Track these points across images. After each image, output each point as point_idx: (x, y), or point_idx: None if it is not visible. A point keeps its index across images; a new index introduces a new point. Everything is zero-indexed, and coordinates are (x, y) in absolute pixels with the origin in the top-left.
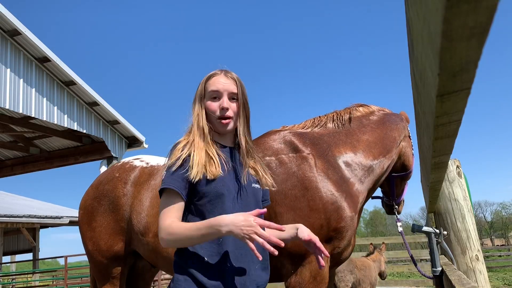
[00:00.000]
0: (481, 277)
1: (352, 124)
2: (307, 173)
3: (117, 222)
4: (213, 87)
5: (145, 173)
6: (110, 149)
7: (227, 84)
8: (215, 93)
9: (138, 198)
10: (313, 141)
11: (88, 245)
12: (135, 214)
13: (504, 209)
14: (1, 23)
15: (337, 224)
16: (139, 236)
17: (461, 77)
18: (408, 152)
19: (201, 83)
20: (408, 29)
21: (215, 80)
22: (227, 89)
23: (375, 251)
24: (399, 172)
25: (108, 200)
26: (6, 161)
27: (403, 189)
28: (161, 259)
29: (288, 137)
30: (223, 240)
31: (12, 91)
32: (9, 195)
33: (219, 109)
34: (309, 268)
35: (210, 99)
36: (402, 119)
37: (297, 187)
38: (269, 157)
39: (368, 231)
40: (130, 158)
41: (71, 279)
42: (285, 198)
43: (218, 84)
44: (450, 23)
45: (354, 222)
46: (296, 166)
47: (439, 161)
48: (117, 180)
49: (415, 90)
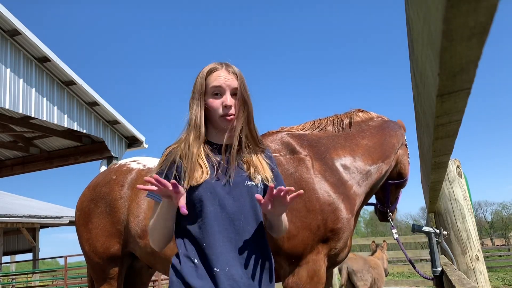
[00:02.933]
0: (481, 277)
1: (352, 129)
2: (304, 175)
3: (114, 224)
4: (215, 82)
5: (142, 176)
6: (110, 149)
7: (230, 79)
8: (217, 89)
9: (136, 201)
10: (311, 143)
11: (85, 246)
12: (133, 216)
13: (504, 209)
14: (1, 23)
15: (334, 225)
16: (136, 239)
17: (461, 77)
18: (405, 160)
19: (199, 77)
20: (408, 29)
21: (217, 75)
22: (230, 84)
23: (377, 249)
24: (395, 180)
25: (105, 202)
26: (6, 161)
27: (397, 197)
28: (158, 261)
29: (285, 139)
30: (206, 243)
31: (12, 91)
32: (9, 195)
33: (221, 106)
34: (306, 268)
35: (212, 96)
36: (400, 127)
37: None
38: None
39: (368, 231)
40: (127, 160)
41: (71, 279)
42: None
43: (220, 80)
44: (450, 23)
45: (351, 223)
46: (293, 168)
47: (439, 161)
48: (114, 182)
49: (415, 90)
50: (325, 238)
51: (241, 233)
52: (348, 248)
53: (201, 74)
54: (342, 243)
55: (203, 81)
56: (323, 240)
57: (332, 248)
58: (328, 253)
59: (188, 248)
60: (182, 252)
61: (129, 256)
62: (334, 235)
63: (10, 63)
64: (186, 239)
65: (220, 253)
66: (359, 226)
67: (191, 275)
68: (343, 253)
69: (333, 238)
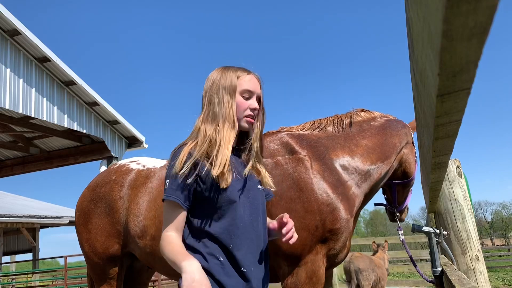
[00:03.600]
0: (481, 277)
1: (352, 129)
2: (303, 175)
3: (113, 225)
4: (247, 86)
5: (141, 176)
6: (110, 149)
7: (258, 86)
8: (248, 93)
9: (135, 201)
10: (311, 144)
11: (85, 246)
12: (132, 217)
13: (504, 209)
14: (1, 23)
15: (333, 225)
16: (135, 239)
17: (461, 77)
18: (410, 159)
19: (228, 75)
20: (408, 29)
21: (250, 79)
22: (257, 91)
23: (379, 249)
24: (400, 179)
25: (105, 202)
26: (6, 161)
27: (406, 197)
28: (158, 262)
29: (285, 139)
30: (233, 245)
31: (12, 91)
32: (9, 195)
33: (248, 109)
34: (305, 269)
35: (241, 97)
36: (405, 126)
37: (292, 188)
38: (265, 159)
39: (369, 231)
40: (126, 160)
41: (71, 279)
42: (281, 199)
43: (252, 84)
44: (450, 23)
45: (350, 224)
46: (291, 168)
47: (439, 161)
48: (114, 183)
49: (415, 90)
50: (323, 239)
51: (258, 234)
52: (347, 249)
53: (230, 72)
54: (341, 243)
55: (235, 80)
56: (321, 240)
57: (331, 249)
58: (327, 254)
59: (210, 247)
60: (205, 250)
61: (128, 256)
62: (332, 235)
63: (10, 63)
64: (205, 239)
65: (245, 254)
66: (359, 226)
67: (219, 272)
68: (342, 254)
69: (332, 239)
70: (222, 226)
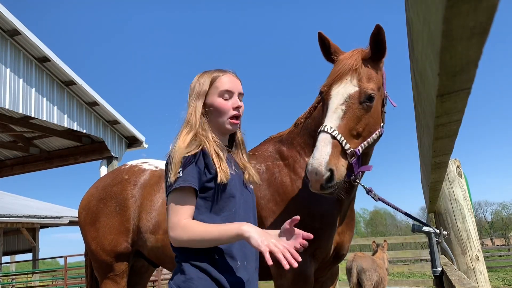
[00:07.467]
0: (481, 277)
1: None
2: (284, 178)
3: (123, 222)
4: (226, 86)
5: (155, 176)
6: (110, 149)
7: (238, 84)
8: (228, 93)
9: (149, 199)
10: (302, 146)
11: (92, 244)
12: (145, 213)
13: (504, 209)
14: (1, 23)
15: (312, 224)
16: (147, 235)
17: (461, 77)
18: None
19: (203, 81)
20: (408, 29)
21: (229, 79)
22: (237, 88)
23: (378, 249)
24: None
25: (116, 201)
26: (6, 161)
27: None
28: (168, 257)
29: (277, 145)
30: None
31: (12, 91)
32: (9, 195)
33: (232, 108)
34: (291, 270)
35: (221, 99)
36: None
37: (277, 192)
38: (259, 165)
39: (368, 231)
40: (137, 161)
41: (71, 279)
42: (268, 203)
43: (231, 84)
44: (450, 23)
45: (331, 219)
46: (277, 172)
47: (439, 161)
48: (126, 182)
49: (415, 90)
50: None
51: None
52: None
53: (205, 78)
54: (325, 241)
55: (208, 84)
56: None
57: (317, 249)
58: (314, 253)
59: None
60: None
61: (134, 254)
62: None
63: (10, 63)
64: None
65: (240, 248)
66: (359, 226)
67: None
68: (329, 250)
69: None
70: (221, 219)
